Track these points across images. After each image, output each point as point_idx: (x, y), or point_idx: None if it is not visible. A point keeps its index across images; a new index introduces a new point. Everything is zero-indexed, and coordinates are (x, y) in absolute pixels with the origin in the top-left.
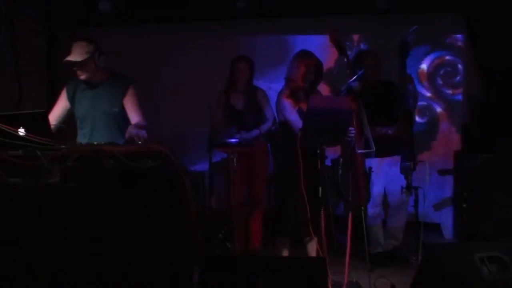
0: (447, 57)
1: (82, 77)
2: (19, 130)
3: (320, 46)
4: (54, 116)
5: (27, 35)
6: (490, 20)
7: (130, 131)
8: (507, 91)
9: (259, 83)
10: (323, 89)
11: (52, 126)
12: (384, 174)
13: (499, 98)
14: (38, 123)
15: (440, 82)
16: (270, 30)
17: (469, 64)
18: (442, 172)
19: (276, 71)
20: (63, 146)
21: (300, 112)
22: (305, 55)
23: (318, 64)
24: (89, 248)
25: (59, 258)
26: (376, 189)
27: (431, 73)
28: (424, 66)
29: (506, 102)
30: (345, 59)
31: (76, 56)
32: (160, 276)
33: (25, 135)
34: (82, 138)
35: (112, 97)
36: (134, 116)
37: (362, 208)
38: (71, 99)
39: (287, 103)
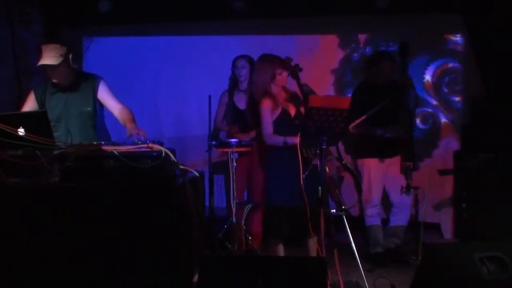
0: (450, 65)
1: (56, 80)
2: (19, 130)
3: (320, 46)
4: None
5: (27, 35)
6: (490, 20)
7: (131, 131)
8: (506, 91)
9: None
10: (327, 88)
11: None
12: (384, 175)
13: (499, 98)
14: (38, 123)
15: (446, 90)
16: (270, 30)
17: (469, 64)
18: (442, 172)
19: None
20: (63, 146)
21: (284, 113)
22: (270, 60)
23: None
24: (89, 248)
25: (59, 258)
26: (375, 190)
27: (436, 82)
28: (428, 76)
29: (506, 102)
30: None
31: (51, 59)
32: (160, 276)
33: (25, 135)
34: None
35: (84, 97)
36: (114, 105)
37: (343, 212)
38: (40, 103)
39: (266, 108)
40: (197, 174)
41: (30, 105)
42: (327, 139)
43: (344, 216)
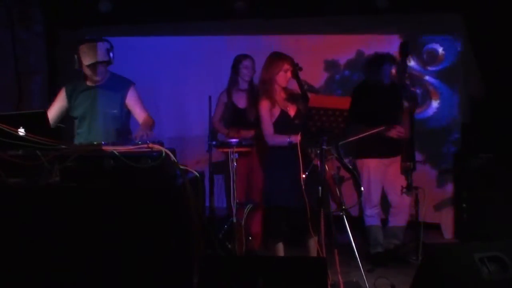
0: (450, 65)
1: (100, 77)
2: (19, 130)
3: (320, 46)
4: (51, 115)
5: (27, 35)
6: (490, 20)
7: (138, 132)
8: (506, 91)
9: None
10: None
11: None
12: (383, 174)
13: (499, 98)
14: (38, 123)
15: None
16: (270, 30)
17: (469, 64)
18: (442, 172)
19: None
20: (63, 146)
21: (283, 114)
22: (280, 56)
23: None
24: (89, 248)
25: (59, 258)
26: (374, 190)
27: (436, 82)
28: (427, 76)
29: (506, 102)
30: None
31: (104, 56)
32: (160, 276)
33: (25, 135)
34: (79, 138)
35: (112, 99)
36: (140, 113)
37: (343, 212)
38: (69, 99)
39: (264, 109)
40: (197, 174)
41: (59, 102)
42: (327, 139)
43: (344, 216)
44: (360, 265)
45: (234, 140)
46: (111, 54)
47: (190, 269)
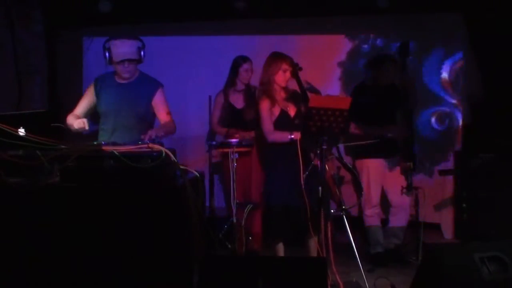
0: (450, 64)
1: (127, 75)
2: (19, 130)
3: (320, 46)
4: (80, 110)
5: (27, 35)
6: (490, 20)
7: (148, 132)
8: (507, 91)
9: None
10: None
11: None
12: (382, 175)
13: (499, 98)
14: (38, 123)
15: (445, 90)
16: (270, 30)
17: (469, 64)
18: (442, 172)
19: None
20: (63, 146)
21: (283, 114)
22: (279, 56)
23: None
24: (89, 248)
25: (59, 258)
26: (374, 190)
27: (453, 80)
28: (445, 74)
29: (506, 102)
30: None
31: (132, 54)
32: (160, 276)
33: (25, 135)
34: (103, 135)
35: (139, 98)
36: (164, 117)
37: (343, 212)
38: (97, 94)
39: (264, 108)
40: (197, 174)
41: (88, 97)
42: (328, 139)
43: (344, 216)
44: (360, 265)
45: (234, 140)
46: (142, 53)
47: (190, 269)
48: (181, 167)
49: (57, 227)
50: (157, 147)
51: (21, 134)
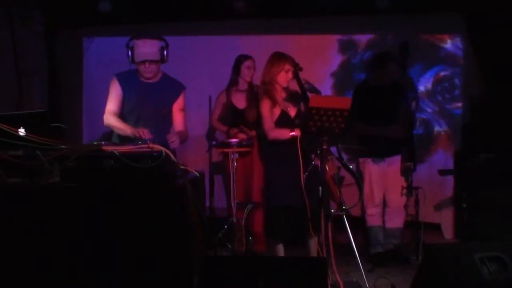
0: (443, 73)
1: (149, 75)
2: (19, 130)
3: (320, 46)
4: (115, 107)
5: (27, 35)
6: (490, 20)
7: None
8: (507, 91)
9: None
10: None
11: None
12: (384, 174)
13: (499, 98)
14: (38, 123)
15: (446, 90)
16: (270, 30)
17: (469, 64)
18: (442, 172)
19: None
20: (63, 146)
21: (283, 114)
22: (282, 57)
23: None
24: (89, 248)
25: (59, 258)
26: (376, 189)
27: (431, 91)
28: (423, 85)
29: (506, 102)
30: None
31: (153, 55)
32: (160, 276)
33: (25, 135)
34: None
35: (163, 98)
36: (179, 122)
37: (343, 212)
38: (123, 88)
39: (265, 108)
40: (197, 174)
41: (116, 91)
42: (328, 139)
43: (344, 216)
44: (360, 265)
45: (234, 140)
46: (164, 53)
47: (190, 269)
48: (181, 167)
49: (57, 227)
50: (157, 147)
51: (21, 134)
